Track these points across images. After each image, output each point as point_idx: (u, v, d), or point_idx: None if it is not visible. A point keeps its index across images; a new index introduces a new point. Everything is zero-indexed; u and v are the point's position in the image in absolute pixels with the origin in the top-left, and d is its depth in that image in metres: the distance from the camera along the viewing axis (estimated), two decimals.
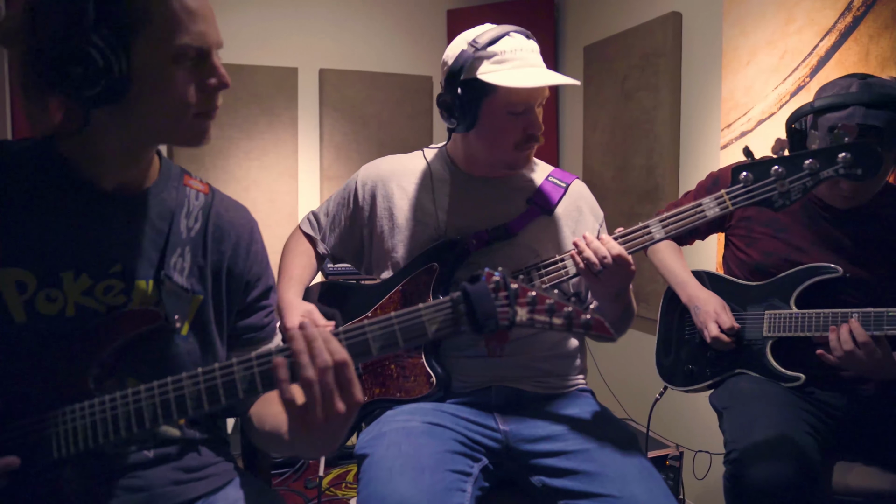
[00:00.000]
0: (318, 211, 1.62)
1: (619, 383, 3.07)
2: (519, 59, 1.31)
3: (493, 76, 1.30)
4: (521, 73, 1.30)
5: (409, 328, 0.88)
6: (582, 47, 3.40)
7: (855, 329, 1.41)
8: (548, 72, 1.34)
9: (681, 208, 1.27)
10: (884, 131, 1.40)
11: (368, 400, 1.40)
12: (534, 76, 1.30)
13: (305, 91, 3.51)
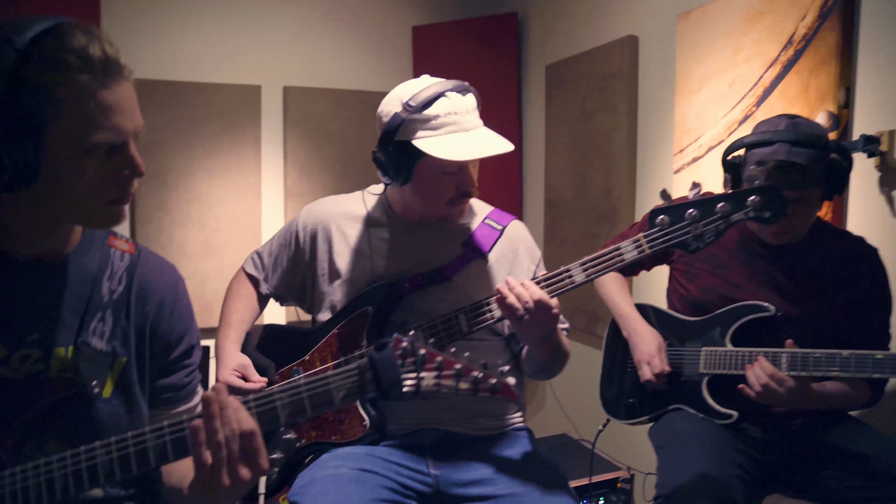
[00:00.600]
0: (261, 251, 1.63)
1: (573, 402, 3.10)
2: (453, 124, 1.33)
3: (426, 143, 1.32)
4: (455, 142, 1.32)
5: (317, 396, 0.90)
6: (544, 66, 3.44)
7: (763, 366, 1.45)
8: (481, 140, 1.35)
9: (600, 252, 1.29)
10: (806, 168, 1.45)
11: (306, 443, 1.41)
12: (466, 148, 1.32)
13: (269, 109, 3.50)
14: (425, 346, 0.91)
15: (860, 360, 1.39)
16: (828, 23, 1.94)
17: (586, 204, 3.09)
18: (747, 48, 2.22)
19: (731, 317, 1.62)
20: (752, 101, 2.21)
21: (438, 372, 0.91)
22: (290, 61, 3.55)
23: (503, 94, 3.69)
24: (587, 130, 3.08)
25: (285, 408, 0.89)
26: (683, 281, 1.75)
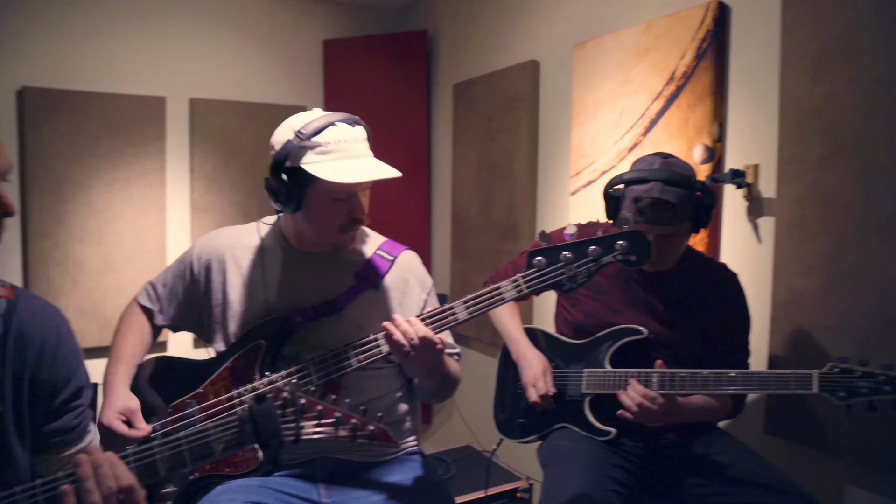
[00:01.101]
0: (155, 282, 1.63)
1: (477, 415, 3.20)
2: (342, 151, 1.38)
3: (316, 167, 1.36)
4: (343, 166, 1.37)
5: (196, 449, 0.92)
6: (452, 85, 3.52)
7: (636, 388, 1.57)
8: (369, 165, 1.41)
9: (481, 292, 1.37)
10: (676, 206, 1.58)
11: (199, 476, 1.42)
12: (354, 171, 1.37)
13: (174, 121, 3.43)
14: (305, 396, 0.95)
15: (717, 377, 1.52)
16: (703, 62, 2.10)
17: (490, 221, 3.19)
18: (636, 80, 2.37)
19: (610, 340, 1.74)
20: (640, 130, 2.36)
21: (318, 420, 0.95)
22: (197, 73, 3.49)
23: (413, 110, 3.76)
24: (492, 149, 3.18)
25: (165, 461, 0.92)
26: (568, 306, 1.86)
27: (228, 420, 0.93)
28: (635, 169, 1.68)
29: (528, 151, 2.94)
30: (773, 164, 1.95)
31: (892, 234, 1.66)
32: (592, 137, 2.57)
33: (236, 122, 3.54)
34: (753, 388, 1.48)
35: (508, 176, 3.06)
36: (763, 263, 1.98)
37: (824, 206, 1.80)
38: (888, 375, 1.35)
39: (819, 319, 1.81)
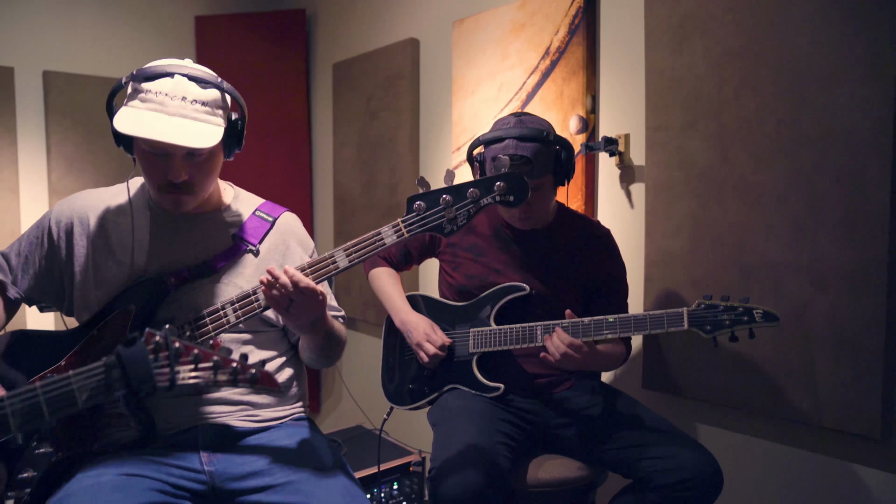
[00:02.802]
0: (7, 251, 1.48)
1: (366, 394, 3.18)
2: (158, 103, 1.28)
3: (121, 112, 1.29)
4: (142, 117, 1.27)
5: (56, 398, 0.85)
6: (332, 64, 3.46)
7: (561, 336, 1.59)
8: (172, 126, 1.28)
9: (362, 238, 1.34)
10: (532, 160, 1.64)
11: (63, 456, 1.31)
12: (144, 125, 1.26)
13: (25, 95, 3.15)
14: (180, 340, 0.90)
15: (598, 324, 1.59)
16: (576, 38, 2.18)
17: (373, 200, 3.17)
18: (513, 56, 2.43)
19: (493, 298, 1.78)
20: (518, 103, 2.42)
21: (195, 365, 0.90)
22: (52, 43, 3.22)
23: (292, 90, 3.66)
24: (373, 128, 3.16)
25: (17, 414, 0.83)
26: (450, 270, 1.88)
27: (93, 366, 0.86)
28: (493, 129, 1.73)
29: (410, 129, 2.94)
30: (641, 132, 2.06)
31: (746, 193, 1.81)
32: (473, 112, 2.61)
33: (100, 100, 3.27)
34: (631, 330, 1.56)
35: (391, 154, 3.05)
36: (636, 226, 2.09)
37: (688, 170, 1.93)
38: (745, 307, 1.46)
39: (687, 274, 1.94)
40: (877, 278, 1.59)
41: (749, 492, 1.87)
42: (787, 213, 1.73)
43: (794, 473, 1.79)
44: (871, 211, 1.59)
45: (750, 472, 1.86)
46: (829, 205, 1.66)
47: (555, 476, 1.68)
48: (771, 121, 1.75)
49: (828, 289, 1.67)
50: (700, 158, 1.90)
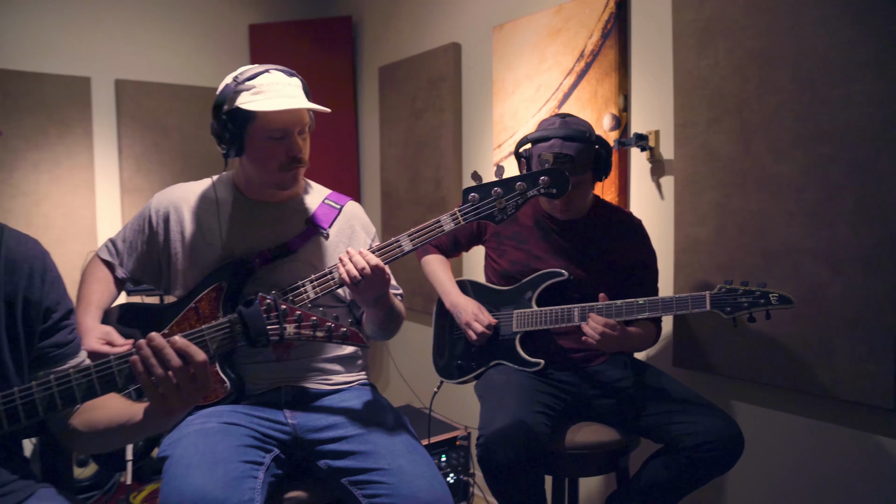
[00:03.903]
0: (115, 238, 1.72)
1: (414, 376, 3.40)
2: (274, 91, 1.52)
3: (249, 104, 1.51)
4: (274, 101, 1.51)
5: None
6: (377, 67, 3.68)
7: (597, 319, 1.78)
8: (299, 100, 1.54)
9: (423, 225, 1.55)
10: (575, 158, 1.82)
11: None
12: (282, 102, 1.51)
13: (100, 101, 3.44)
14: (286, 303, 1.11)
15: (629, 306, 1.77)
16: (608, 41, 2.36)
17: (418, 195, 3.38)
18: (549, 59, 2.61)
19: (535, 283, 1.97)
20: (555, 104, 2.60)
21: (298, 323, 1.11)
22: (123, 54, 3.51)
23: (339, 92, 3.89)
24: (418, 128, 3.37)
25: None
26: (495, 256, 2.08)
27: (221, 322, 1.08)
28: (539, 129, 1.91)
29: (453, 128, 3.14)
30: (670, 128, 2.22)
31: (767, 184, 1.96)
32: (513, 112, 2.79)
33: (165, 105, 3.58)
34: (659, 311, 1.73)
35: (435, 152, 3.25)
36: (666, 216, 2.26)
37: (712, 163, 2.09)
38: (762, 291, 1.63)
39: (713, 260, 2.10)
40: (888, 261, 1.73)
41: (771, 461, 2.02)
42: (805, 201, 1.88)
43: (814, 443, 1.93)
44: (882, 198, 1.73)
45: (771, 443, 2.02)
46: (844, 193, 1.80)
47: (590, 440, 1.86)
48: (790, 116, 1.90)
49: (843, 271, 1.81)
50: (724, 152, 2.06)
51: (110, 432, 1.17)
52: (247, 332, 1.07)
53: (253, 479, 1.36)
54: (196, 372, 1.02)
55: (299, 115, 1.56)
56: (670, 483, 1.75)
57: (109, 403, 1.21)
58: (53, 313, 1.23)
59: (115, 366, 1.04)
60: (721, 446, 1.68)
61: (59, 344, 1.24)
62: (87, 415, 1.22)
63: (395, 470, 1.43)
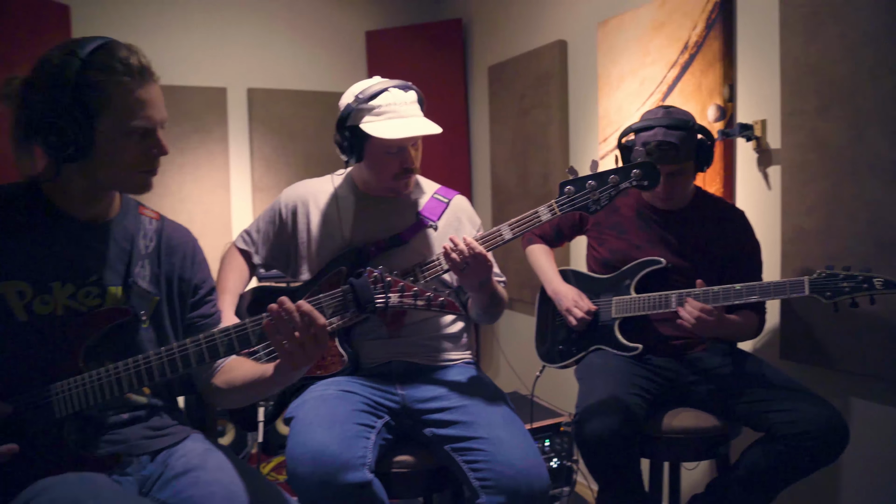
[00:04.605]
0: (250, 229, 1.95)
1: (521, 364, 3.51)
2: (392, 112, 1.69)
3: (370, 126, 1.69)
4: (392, 125, 1.68)
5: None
6: (487, 67, 3.81)
7: (693, 304, 1.82)
8: (414, 124, 1.70)
9: (522, 215, 1.66)
10: (678, 146, 1.86)
11: None
12: (401, 129, 1.67)
13: (235, 109, 3.79)
14: (391, 275, 1.26)
15: (726, 292, 1.79)
16: (713, 32, 2.36)
17: (527, 190, 3.48)
18: (653, 52, 2.63)
19: (634, 271, 2.02)
20: (659, 96, 2.62)
21: (401, 294, 1.26)
22: (254, 65, 3.84)
23: (451, 93, 4.05)
24: (526, 125, 3.47)
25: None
26: (596, 245, 2.15)
27: (334, 291, 1.24)
28: (642, 120, 1.96)
29: (559, 124, 3.22)
30: (777, 117, 2.20)
31: (881, 172, 1.91)
32: (618, 106, 2.84)
33: (291, 109, 3.89)
34: (756, 295, 1.75)
35: (542, 148, 3.34)
36: (773, 207, 2.23)
37: (822, 151, 2.05)
38: (865, 276, 1.61)
39: (822, 250, 2.06)
40: None
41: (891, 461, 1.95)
42: None
43: None
44: None
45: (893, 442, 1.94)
46: None
47: (688, 425, 1.89)
48: None
49: None
50: (834, 140, 2.01)
51: (246, 388, 1.37)
52: (357, 300, 1.23)
53: (366, 440, 1.52)
54: (317, 333, 1.18)
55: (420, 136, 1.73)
56: (770, 472, 1.75)
57: (244, 366, 1.42)
58: (200, 289, 1.45)
59: (250, 327, 1.23)
60: (821, 436, 1.66)
61: (204, 315, 1.46)
62: (226, 375, 1.43)
63: (493, 439, 1.55)
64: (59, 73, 1.18)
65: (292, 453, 1.48)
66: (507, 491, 1.48)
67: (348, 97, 1.75)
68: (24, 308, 1.23)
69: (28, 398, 1.20)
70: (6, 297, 1.22)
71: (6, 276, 1.22)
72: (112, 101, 1.21)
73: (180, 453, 1.36)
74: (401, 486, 1.67)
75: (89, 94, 1.19)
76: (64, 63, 1.19)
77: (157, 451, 1.35)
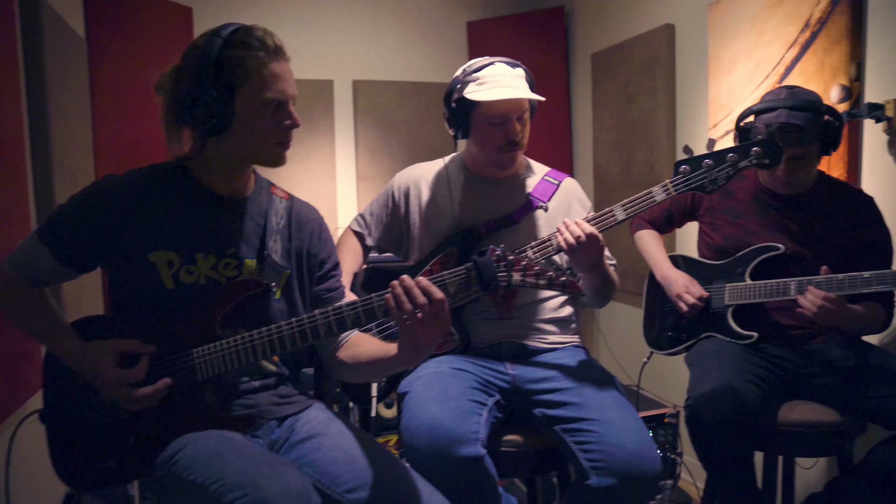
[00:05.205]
0: (364, 213, 2.02)
1: (625, 354, 3.45)
2: (495, 82, 1.71)
3: (473, 94, 1.72)
4: (494, 92, 1.70)
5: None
6: (590, 55, 3.76)
7: (815, 292, 1.75)
8: (516, 90, 1.71)
9: (636, 196, 1.64)
10: (803, 128, 1.78)
11: None
12: (500, 92, 1.69)
13: (341, 100, 3.93)
14: (513, 254, 1.28)
15: (852, 280, 1.70)
16: (839, 7, 2.23)
17: (632, 178, 3.41)
18: (770, 31, 2.52)
19: (750, 257, 1.95)
20: (776, 78, 2.51)
21: (523, 272, 1.27)
22: (359, 57, 3.96)
23: (552, 81, 4.02)
24: (630, 111, 3.40)
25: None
26: (709, 231, 2.08)
27: (458, 269, 1.27)
28: (763, 100, 1.88)
29: (666, 110, 3.13)
30: None
31: None
32: (729, 90, 2.73)
33: (394, 100, 3.98)
34: (888, 284, 1.65)
35: (647, 135, 3.27)
36: None
37: None
38: None
39: None
40: None
41: None
42: None
43: None
44: None
45: None
46: None
47: (807, 418, 1.81)
48: None
49: None
50: None
51: (370, 364, 1.43)
52: (480, 277, 1.26)
53: (478, 416, 1.55)
54: (437, 309, 1.22)
55: (517, 102, 1.74)
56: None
57: (370, 343, 1.49)
58: (326, 264, 1.53)
59: (376, 301, 1.28)
60: None
61: (329, 289, 1.53)
62: (350, 350, 1.49)
63: (604, 421, 1.54)
64: (203, 53, 1.29)
65: (408, 425, 1.52)
66: (619, 473, 1.47)
67: (458, 72, 1.80)
68: (172, 277, 1.34)
69: (175, 360, 1.31)
70: (157, 266, 1.33)
71: (158, 246, 1.34)
72: (249, 75, 1.30)
73: (305, 420, 1.44)
74: (507, 465, 1.69)
75: (229, 69, 1.29)
76: (208, 44, 1.30)
77: (284, 417, 1.44)
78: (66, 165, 2.48)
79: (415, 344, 1.25)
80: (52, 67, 2.36)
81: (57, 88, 2.42)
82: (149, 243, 1.33)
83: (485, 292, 1.27)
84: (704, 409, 1.71)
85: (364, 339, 1.51)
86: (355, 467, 1.32)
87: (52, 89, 2.36)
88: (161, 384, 1.28)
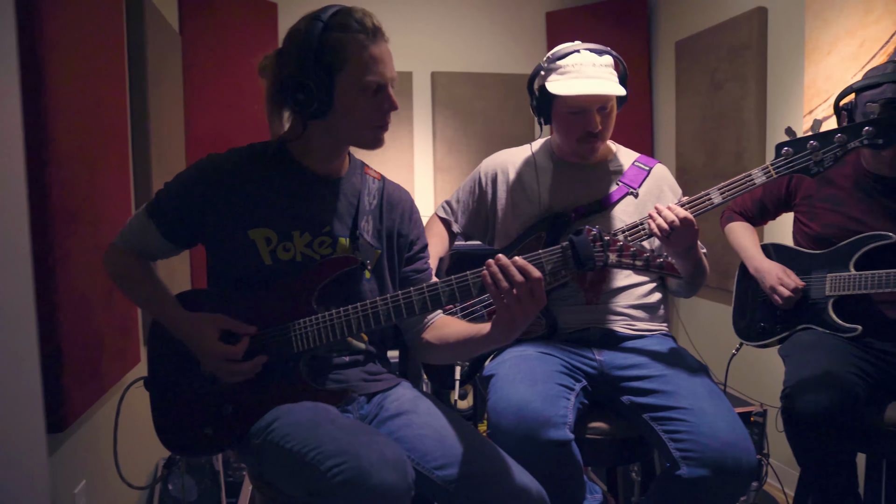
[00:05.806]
0: (450, 200, 2.03)
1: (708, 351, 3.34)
2: (577, 72, 1.67)
3: (552, 85, 1.69)
4: (572, 83, 1.66)
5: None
6: (673, 43, 3.65)
7: None
8: (596, 83, 1.67)
9: (733, 179, 1.57)
10: None
11: None
12: (578, 86, 1.66)
13: (419, 92, 3.95)
14: (609, 235, 1.25)
15: None
16: None
17: (717, 168, 3.30)
18: (879, 8, 2.38)
19: (855, 246, 1.85)
20: (884, 58, 2.36)
21: (620, 253, 1.25)
22: (437, 49, 3.98)
23: (634, 71, 3.87)
24: (717, 100, 3.28)
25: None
26: (806, 220, 1.98)
27: (554, 248, 1.26)
28: (866, 77, 1.77)
29: (756, 97, 3.01)
30: None
31: None
32: (827, 74, 2.60)
33: (472, 92, 3.98)
34: None
35: (735, 124, 3.15)
36: None
37: None
38: None
39: None
40: None
41: None
42: None
43: None
44: None
45: None
46: None
47: None
48: None
49: None
50: None
51: (459, 344, 1.43)
52: (576, 257, 1.24)
53: (566, 400, 1.53)
54: (533, 287, 1.20)
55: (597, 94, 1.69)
56: None
57: (457, 324, 1.49)
58: (415, 245, 1.54)
59: (471, 279, 1.28)
60: None
61: (417, 270, 1.55)
62: (437, 331, 1.50)
63: (696, 410, 1.49)
64: (304, 37, 1.31)
65: (496, 407, 1.52)
66: (712, 464, 1.42)
67: (541, 61, 1.77)
68: (270, 253, 1.37)
69: (272, 333, 1.34)
70: (256, 243, 1.37)
71: (257, 223, 1.38)
72: (349, 58, 1.31)
73: (393, 397, 1.45)
74: (592, 452, 1.65)
75: (330, 52, 1.31)
76: (309, 28, 1.32)
77: (374, 393, 1.46)
78: (162, 155, 2.60)
79: (510, 322, 1.24)
80: (152, 62, 2.47)
81: (155, 82, 2.54)
82: (249, 220, 1.38)
83: (581, 271, 1.24)
84: (804, 399, 1.63)
85: (450, 320, 1.52)
86: (444, 444, 1.32)
87: (152, 83, 2.46)
88: (258, 360, 1.32)
